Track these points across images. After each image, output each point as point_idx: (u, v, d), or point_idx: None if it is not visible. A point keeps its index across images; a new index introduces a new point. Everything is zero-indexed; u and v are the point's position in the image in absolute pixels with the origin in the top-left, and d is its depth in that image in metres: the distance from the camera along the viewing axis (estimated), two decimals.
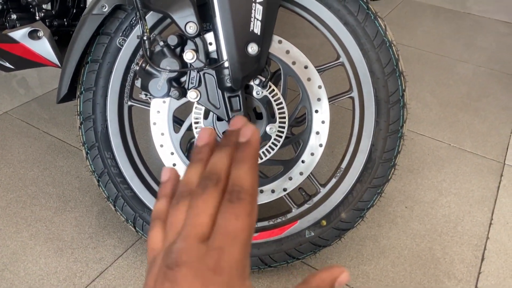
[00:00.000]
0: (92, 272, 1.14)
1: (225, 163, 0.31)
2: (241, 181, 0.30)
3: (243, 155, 0.31)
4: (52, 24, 1.30)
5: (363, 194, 1.06)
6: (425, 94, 1.91)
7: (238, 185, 0.30)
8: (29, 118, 1.67)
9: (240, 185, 0.30)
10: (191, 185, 0.32)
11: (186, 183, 0.33)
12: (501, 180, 1.48)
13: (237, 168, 0.31)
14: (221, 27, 0.89)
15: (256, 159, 0.31)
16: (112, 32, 1.01)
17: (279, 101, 0.98)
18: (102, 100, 1.05)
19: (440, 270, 1.18)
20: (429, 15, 2.65)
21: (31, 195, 1.35)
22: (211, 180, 0.31)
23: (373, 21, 0.97)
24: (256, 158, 0.31)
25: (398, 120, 1.02)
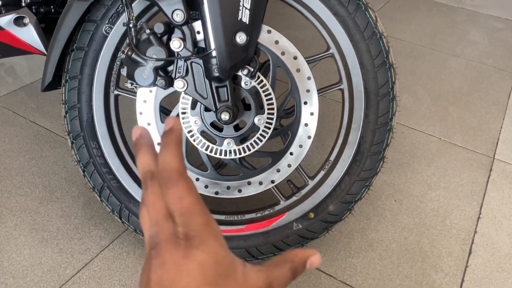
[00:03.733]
0: (77, 263, 1.12)
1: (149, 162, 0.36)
2: (168, 163, 0.34)
3: (166, 140, 0.35)
4: (39, 11, 1.27)
5: (351, 187, 1.05)
6: (417, 88, 1.90)
7: (167, 168, 0.34)
8: (16, 107, 1.64)
9: (168, 168, 0.34)
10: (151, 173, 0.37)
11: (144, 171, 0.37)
12: (490, 174, 1.48)
13: (162, 154, 0.34)
14: (209, 15, 0.87)
15: (178, 142, 0.35)
16: (98, 19, 0.99)
17: (268, 92, 0.97)
18: (88, 88, 1.03)
19: (427, 263, 1.18)
20: (423, 9, 2.64)
21: (16, 185, 1.33)
22: (147, 178, 0.35)
23: (364, 12, 0.96)
24: (178, 141, 0.35)
25: (387, 113, 1.01)
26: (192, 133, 1.00)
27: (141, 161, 0.36)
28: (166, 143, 0.35)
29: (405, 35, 2.33)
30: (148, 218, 0.35)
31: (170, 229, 0.32)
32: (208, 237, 0.32)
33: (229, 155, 1.01)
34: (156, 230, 0.33)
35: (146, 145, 0.37)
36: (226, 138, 1.00)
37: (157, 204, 0.34)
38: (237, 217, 1.09)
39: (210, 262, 0.31)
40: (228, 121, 0.94)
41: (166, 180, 0.33)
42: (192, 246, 0.31)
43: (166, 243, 0.32)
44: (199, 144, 1.00)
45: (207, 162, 1.05)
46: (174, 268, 0.31)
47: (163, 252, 0.31)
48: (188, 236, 0.32)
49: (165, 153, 0.34)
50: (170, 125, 0.36)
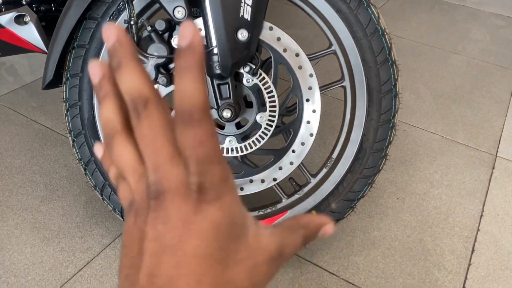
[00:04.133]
0: (79, 261, 1.12)
1: (137, 82, 0.26)
2: (190, 97, 0.25)
3: (185, 63, 0.25)
4: (39, 9, 1.27)
5: (354, 185, 1.05)
6: (419, 86, 1.90)
7: (189, 101, 0.25)
8: (17, 106, 1.64)
9: (191, 102, 0.25)
10: (114, 122, 0.27)
11: (106, 123, 0.28)
12: (492, 172, 1.48)
13: (182, 80, 0.25)
14: (210, 12, 0.86)
15: (200, 65, 0.25)
16: (99, 16, 0.98)
17: (270, 90, 0.96)
18: (89, 86, 1.02)
19: (430, 261, 1.18)
20: (424, 7, 2.63)
21: (17, 183, 1.33)
22: (138, 105, 0.26)
23: (366, 8, 0.96)
24: (201, 66, 0.25)
25: (390, 110, 1.00)
26: None
27: (126, 80, 0.26)
28: (185, 67, 0.25)
29: (406, 32, 2.32)
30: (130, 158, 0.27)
31: (179, 176, 0.25)
32: (225, 193, 0.26)
33: (231, 153, 1.00)
34: (158, 177, 0.26)
35: (129, 56, 0.26)
36: (228, 136, 0.99)
37: (158, 140, 0.26)
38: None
39: (224, 222, 0.26)
40: (230, 119, 0.94)
41: (186, 117, 0.25)
42: (206, 200, 0.26)
43: (173, 193, 0.25)
44: None
45: None
46: (180, 225, 0.25)
47: (168, 205, 0.25)
48: (202, 188, 0.25)
49: (185, 80, 0.25)
50: (188, 39, 0.25)
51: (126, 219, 0.28)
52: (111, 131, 0.27)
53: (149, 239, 0.25)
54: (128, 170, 0.27)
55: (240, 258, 0.27)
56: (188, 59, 0.25)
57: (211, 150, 0.26)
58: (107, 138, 0.28)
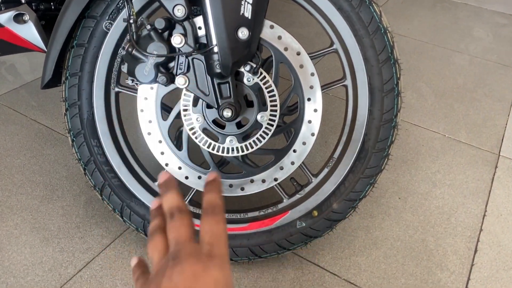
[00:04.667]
0: (79, 262, 1.11)
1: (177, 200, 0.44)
2: (215, 201, 0.43)
3: (212, 187, 0.45)
4: (39, 7, 1.26)
5: (356, 185, 1.03)
6: (421, 84, 1.88)
7: (213, 203, 0.43)
8: (16, 105, 1.63)
9: (214, 204, 0.43)
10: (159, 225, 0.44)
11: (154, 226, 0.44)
12: (495, 171, 1.47)
13: (209, 194, 0.44)
14: (211, 10, 0.85)
15: (221, 189, 0.45)
16: (98, 15, 0.97)
17: (271, 89, 0.95)
18: (88, 86, 1.01)
19: (432, 261, 1.17)
20: (426, 5, 2.62)
21: (17, 183, 1.32)
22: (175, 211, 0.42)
23: (368, 6, 0.94)
24: (221, 189, 0.45)
25: (392, 109, 0.99)
26: (194, 131, 0.98)
27: (170, 199, 0.44)
28: (211, 189, 0.45)
29: (408, 31, 2.31)
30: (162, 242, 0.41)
31: (193, 247, 0.38)
32: (226, 263, 0.38)
33: (231, 153, 0.99)
34: (178, 248, 0.38)
35: (175, 187, 0.45)
36: (228, 135, 0.98)
37: (184, 230, 0.40)
38: (240, 216, 1.08)
39: (223, 282, 0.36)
40: (230, 118, 0.93)
41: (209, 211, 0.42)
42: (213, 263, 0.36)
43: (187, 256, 0.36)
44: (201, 142, 0.99)
45: (209, 160, 1.03)
46: (191, 278, 0.34)
47: (184, 262, 0.36)
48: (211, 253, 0.37)
49: (212, 194, 0.44)
50: (213, 177, 0.46)
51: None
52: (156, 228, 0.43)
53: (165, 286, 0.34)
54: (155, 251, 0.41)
55: None
56: (213, 185, 0.46)
57: (222, 230, 0.40)
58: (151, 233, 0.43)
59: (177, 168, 1.03)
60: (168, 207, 0.43)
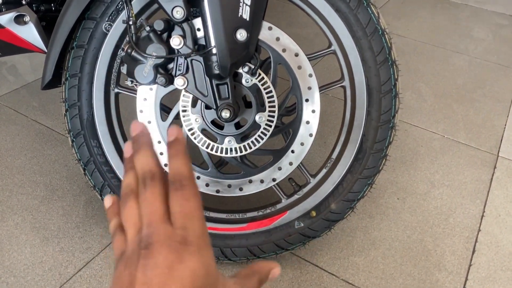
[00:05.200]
0: (79, 262, 1.12)
1: (149, 162, 0.37)
2: (180, 171, 0.36)
3: (174, 150, 0.37)
4: (39, 9, 1.27)
5: (354, 185, 1.04)
6: (420, 85, 1.89)
7: (178, 174, 0.35)
8: (17, 106, 1.64)
9: (180, 174, 0.35)
10: (132, 186, 0.37)
11: (126, 187, 0.37)
12: (494, 172, 1.47)
13: (173, 161, 0.36)
14: (209, 12, 0.86)
15: (186, 152, 0.37)
16: (98, 16, 0.98)
17: (269, 90, 0.96)
18: (88, 87, 1.02)
19: (430, 262, 1.17)
20: (426, 6, 2.62)
21: (17, 183, 1.33)
22: (147, 178, 0.36)
23: (366, 8, 0.95)
24: (186, 151, 0.37)
25: (390, 110, 1.00)
26: (193, 131, 0.99)
27: (142, 160, 0.37)
28: (175, 153, 0.37)
29: (408, 31, 2.31)
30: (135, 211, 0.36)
31: (167, 231, 0.33)
32: (204, 247, 0.33)
33: (230, 153, 1.00)
34: (150, 231, 0.33)
35: (147, 144, 0.38)
36: (227, 136, 0.99)
37: (155, 204, 0.34)
38: (239, 216, 1.08)
39: (202, 272, 0.32)
40: (229, 119, 0.94)
41: (176, 184, 0.35)
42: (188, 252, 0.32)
43: (160, 245, 0.32)
44: (200, 142, 0.99)
45: (208, 160, 1.04)
46: (166, 272, 0.31)
47: (157, 254, 0.31)
48: (186, 240, 0.33)
49: (176, 161, 0.36)
50: (174, 135, 0.38)
51: (116, 267, 0.34)
52: (128, 191, 0.37)
53: (139, 283, 0.31)
54: (130, 223, 0.35)
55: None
56: (176, 147, 0.37)
57: (194, 207, 0.34)
58: (124, 196, 0.37)
59: None
60: (140, 169, 0.37)
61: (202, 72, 0.93)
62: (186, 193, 0.34)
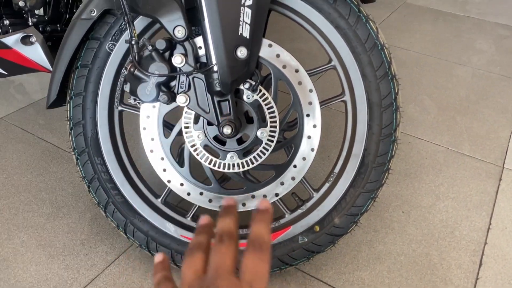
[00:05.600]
0: (84, 279, 1.12)
1: (231, 225, 0.41)
2: (263, 235, 0.40)
3: (262, 217, 0.41)
4: (45, 29, 1.30)
5: (357, 199, 1.04)
6: (423, 97, 1.89)
7: (261, 238, 0.39)
8: (24, 124, 1.66)
9: (262, 238, 0.39)
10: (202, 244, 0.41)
11: (196, 243, 0.41)
12: (499, 184, 1.46)
13: (258, 226, 0.41)
14: (210, 30, 0.88)
15: (270, 222, 0.42)
16: (102, 37, 1.00)
17: (270, 105, 0.97)
18: (92, 105, 1.04)
19: (437, 276, 1.16)
20: (428, 18, 2.64)
21: (23, 201, 1.34)
22: (225, 235, 0.40)
23: (365, 24, 0.96)
24: (270, 221, 0.42)
25: (391, 124, 1.00)
26: (196, 148, 1.00)
27: (225, 221, 0.42)
28: (261, 220, 0.41)
29: (410, 44, 2.32)
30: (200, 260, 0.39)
31: (232, 281, 0.36)
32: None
33: (232, 169, 1.01)
34: (215, 275, 0.36)
35: (233, 213, 0.43)
36: (229, 151, 1.00)
37: (227, 259, 0.38)
38: (242, 231, 1.08)
39: None
40: (231, 135, 0.94)
41: (256, 245, 0.39)
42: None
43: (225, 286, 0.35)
44: (203, 158, 1.00)
45: (210, 176, 1.05)
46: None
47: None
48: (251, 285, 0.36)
49: (260, 226, 0.41)
50: (265, 206, 0.43)
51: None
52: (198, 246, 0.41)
53: None
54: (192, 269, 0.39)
55: None
56: (264, 216, 0.42)
57: (265, 270, 0.37)
58: (191, 249, 0.41)
59: (179, 185, 1.04)
60: (221, 229, 0.41)
61: (204, 90, 0.94)
62: (263, 256, 0.38)
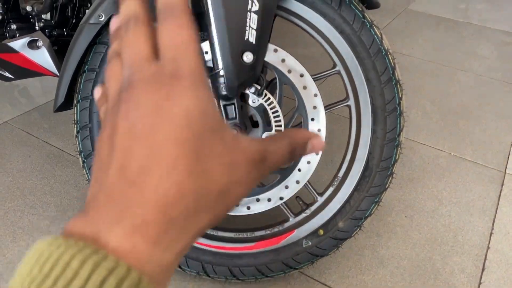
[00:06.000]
0: None
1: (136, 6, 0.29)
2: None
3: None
4: (52, 34, 1.31)
5: (361, 203, 1.05)
6: (425, 103, 1.90)
7: (168, 2, 0.27)
8: (29, 128, 1.67)
9: (170, 2, 0.27)
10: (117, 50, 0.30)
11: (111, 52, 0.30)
12: (502, 189, 1.47)
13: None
14: (216, 36, 0.89)
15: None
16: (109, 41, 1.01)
17: (275, 109, 0.98)
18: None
19: (440, 280, 1.16)
20: (430, 25, 2.65)
21: (29, 204, 1.35)
22: (130, 22, 0.28)
23: (369, 29, 0.97)
24: None
25: (395, 128, 1.01)
26: None
27: (125, 5, 0.29)
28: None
29: (412, 50, 2.34)
30: (118, 68, 0.28)
31: (151, 68, 0.26)
32: (200, 82, 0.26)
33: None
34: (130, 72, 0.26)
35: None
36: None
37: (138, 45, 0.27)
38: (247, 235, 1.09)
39: (197, 111, 0.25)
40: None
41: (166, 13, 0.27)
42: (180, 87, 0.25)
43: (143, 82, 0.25)
44: None
45: None
46: (152, 112, 0.24)
47: (139, 93, 0.25)
48: (176, 74, 0.25)
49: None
50: None
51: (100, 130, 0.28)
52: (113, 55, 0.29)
53: (120, 133, 0.25)
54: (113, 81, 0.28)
55: (216, 152, 0.25)
56: None
57: (187, 37, 0.26)
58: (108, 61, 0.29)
59: None
60: (125, 15, 0.29)
61: None
62: (177, 20, 0.27)
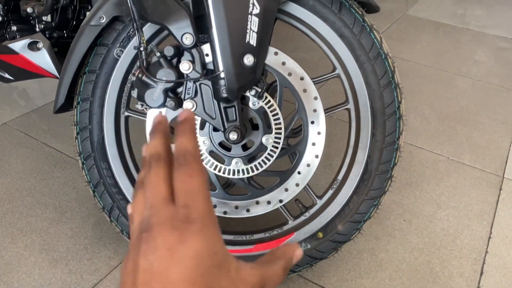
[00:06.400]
0: (87, 283, 1.13)
1: (158, 146, 0.35)
2: (184, 146, 0.34)
3: (182, 128, 0.35)
4: (52, 35, 1.31)
5: (360, 206, 1.05)
6: (424, 108, 1.91)
7: (182, 150, 0.34)
8: (28, 129, 1.67)
9: (184, 150, 0.34)
10: (142, 179, 0.35)
11: (138, 181, 0.36)
12: (500, 193, 1.47)
13: (179, 139, 0.35)
14: (217, 38, 0.89)
15: (193, 131, 0.36)
16: (110, 43, 1.01)
17: (275, 112, 0.98)
18: (99, 110, 1.05)
19: (438, 284, 1.17)
20: (428, 30, 2.67)
21: (27, 205, 1.34)
22: (152, 160, 0.34)
23: (369, 33, 0.98)
24: (193, 130, 0.36)
25: (394, 132, 1.01)
26: (201, 153, 1.01)
27: (152, 144, 0.35)
28: (182, 131, 0.35)
29: (411, 55, 2.35)
30: (142, 200, 0.33)
31: (167, 212, 0.30)
32: (209, 224, 0.30)
33: (237, 175, 1.02)
34: (150, 213, 0.31)
35: (162, 131, 0.37)
36: (234, 157, 1.01)
37: (158, 186, 0.32)
38: (246, 237, 1.09)
39: (206, 251, 0.29)
40: (236, 141, 0.96)
41: (180, 160, 0.33)
42: (191, 230, 0.29)
43: (160, 226, 0.29)
44: (208, 164, 1.01)
45: (215, 181, 1.06)
46: (167, 254, 0.28)
47: (156, 236, 0.29)
48: (188, 218, 0.30)
49: (181, 137, 0.35)
50: (184, 116, 0.37)
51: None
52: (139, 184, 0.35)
53: (141, 270, 0.28)
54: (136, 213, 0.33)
55: (222, 285, 0.29)
56: (184, 126, 0.35)
57: (197, 184, 0.32)
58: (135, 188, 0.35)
59: None
60: (148, 155, 0.35)
61: (210, 96, 0.95)
62: (189, 169, 0.32)
